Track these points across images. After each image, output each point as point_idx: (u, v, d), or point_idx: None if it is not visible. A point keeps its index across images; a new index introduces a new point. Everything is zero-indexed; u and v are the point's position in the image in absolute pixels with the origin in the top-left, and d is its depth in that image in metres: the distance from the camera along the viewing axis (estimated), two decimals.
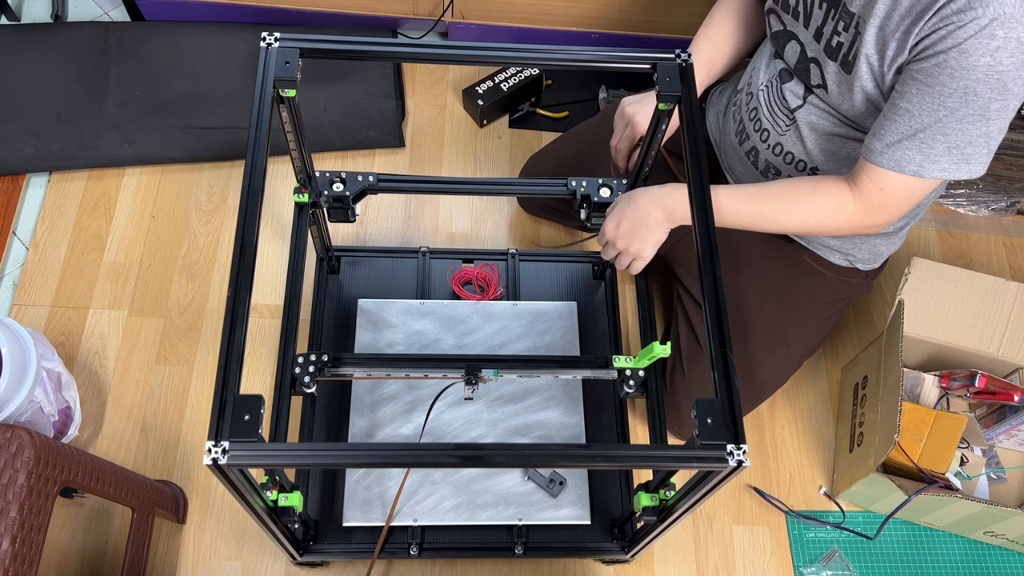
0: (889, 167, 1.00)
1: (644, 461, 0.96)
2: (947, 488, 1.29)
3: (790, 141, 1.17)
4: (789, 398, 1.53)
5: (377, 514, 1.23)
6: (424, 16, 1.80)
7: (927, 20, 0.92)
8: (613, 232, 1.15)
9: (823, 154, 1.15)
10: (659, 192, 1.12)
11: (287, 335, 1.14)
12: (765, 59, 1.20)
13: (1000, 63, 0.90)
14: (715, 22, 1.24)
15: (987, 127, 0.95)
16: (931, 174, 0.99)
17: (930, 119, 0.95)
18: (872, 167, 1.02)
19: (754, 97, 1.22)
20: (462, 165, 1.74)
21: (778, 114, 1.18)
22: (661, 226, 1.12)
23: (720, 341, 0.87)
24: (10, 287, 1.53)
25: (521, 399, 1.33)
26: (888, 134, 0.99)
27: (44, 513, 0.94)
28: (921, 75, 0.95)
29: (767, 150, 1.21)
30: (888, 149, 1.00)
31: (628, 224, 1.13)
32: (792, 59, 1.14)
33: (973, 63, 0.90)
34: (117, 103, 1.67)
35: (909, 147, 0.98)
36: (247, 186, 0.90)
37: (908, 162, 0.99)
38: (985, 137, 0.96)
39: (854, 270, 1.31)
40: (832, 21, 1.05)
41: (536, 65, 1.37)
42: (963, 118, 0.94)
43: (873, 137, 1.01)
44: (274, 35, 0.98)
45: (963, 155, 0.97)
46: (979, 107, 0.93)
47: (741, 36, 1.24)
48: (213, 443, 0.78)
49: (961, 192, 1.72)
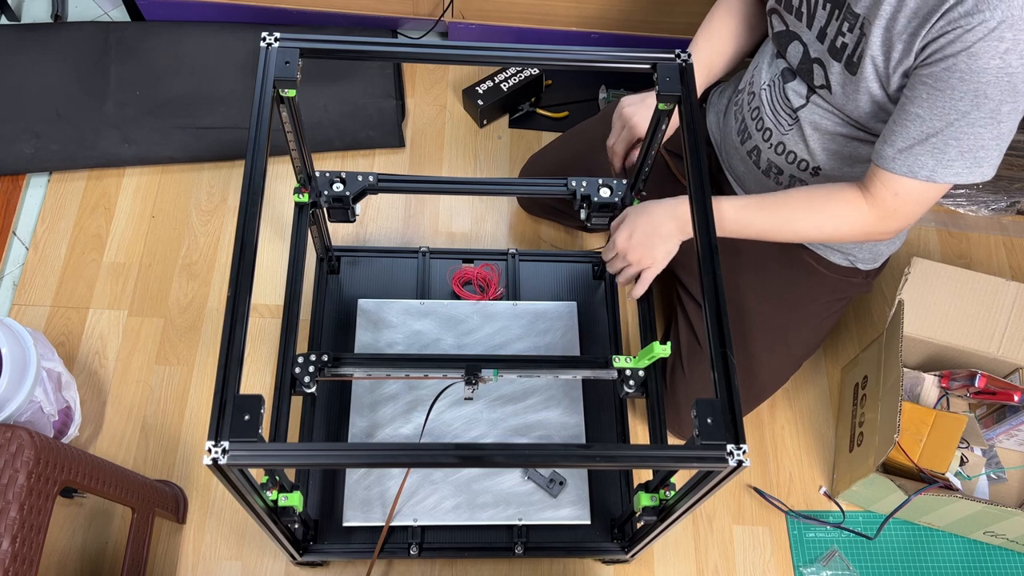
0: (902, 173, 1.00)
1: (644, 461, 0.96)
2: (947, 488, 1.29)
3: (793, 140, 1.17)
4: (789, 398, 1.53)
5: (377, 514, 1.23)
6: (424, 16, 1.80)
7: (934, 23, 0.92)
8: (625, 243, 1.14)
9: (826, 153, 1.15)
10: (672, 204, 1.11)
11: (287, 335, 1.14)
12: (767, 58, 1.20)
13: (1010, 65, 0.89)
14: (715, 22, 1.24)
15: (999, 129, 0.95)
16: (944, 179, 0.99)
17: (941, 123, 0.95)
18: (885, 173, 1.02)
19: (756, 96, 1.21)
20: (462, 165, 1.74)
21: (781, 113, 1.17)
22: (674, 238, 1.12)
23: (720, 341, 0.87)
24: (10, 287, 1.53)
25: (521, 399, 1.33)
26: (899, 140, 0.99)
27: (44, 513, 0.94)
28: (931, 79, 0.94)
29: (769, 149, 1.21)
30: (900, 155, 0.99)
31: (641, 235, 1.12)
32: (795, 59, 1.14)
33: (983, 66, 0.90)
34: (117, 103, 1.67)
35: (921, 152, 0.98)
36: (247, 186, 0.90)
37: (921, 167, 0.99)
38: (997, 140, 0.96)
39: (854, 270, 1.31)
40: (836, 22, 1.05)
41: (536, 65, 1.37)
42: (975, 122, 0.94)
43: (884, 143, 1.01)
44: (274, 35, 0.98)
45: (976, 159, 0.97)
46: (990, 110, 0.93)
47: (741, 36, 1.24)
48: (213, 443, 0.78)
49: (961, 192, 1.72)
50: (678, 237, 1.12)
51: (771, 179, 1.24)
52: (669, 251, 1.13)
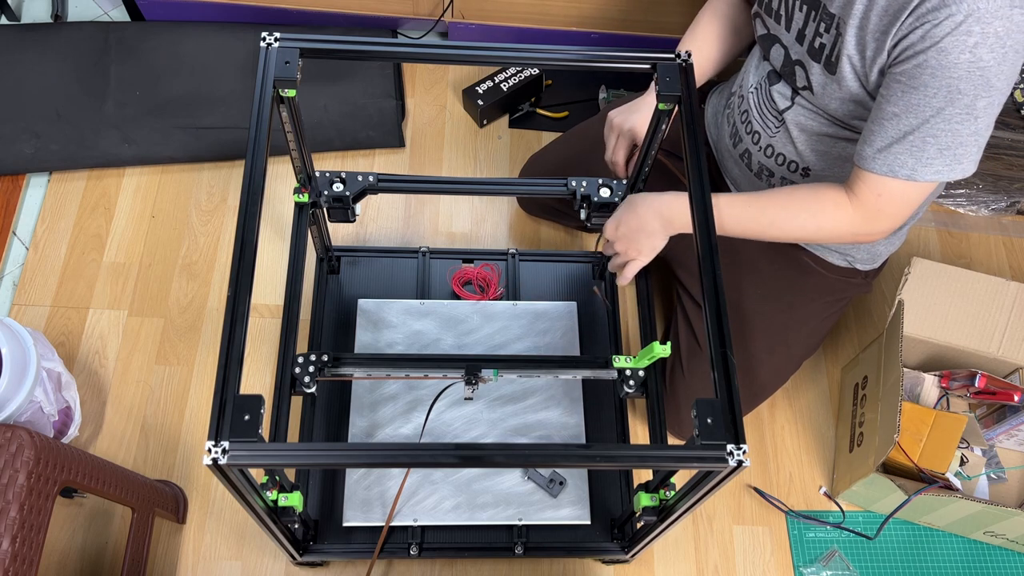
0: (883, 172, 1.00)
1: (644, 461, 0.96)
2: (947, 488, 1.29)
3: (781, 142, 1.17)
4: (789, 398, 1.53)
5: (377, 514, 1.24)
6: (424, 16, 1.80)
7: (904, 20, 0.92)
8: (612, 233, 1.17)
9: (814, 154, 1.15)
10: (659, 202, 1.12)
11: (287, 335, 1.14)
12: (755, 61, 1.21)
13: (980, 59, 0.89)
14: (700, 26, 1.25)
15: (975, 125, 0.95)
16: (925, 177, 0.98)
17: (917, 120, 0.95)
18: (866, 173, 1.02)
19: (745, 100, 1.22)
20: (462, 165, 1.74)
21: (768, 116, 1.18)
22: (658, 235, 1.13)
23: (720, 341, 0.87)
24: (10, 287, 1.53)
25: (521, 399, 1.33)
26: (878, 139, 0.99)
27: (44, 513, 0.94)
28: (904, 77, 0.94)
29: (759, 152, 1.21)
30: (879, 155, 0.99)
31: (626, 229, 1.14)
32: (777, 62, 1.14)
33: (953, 61, 0.90)
34: (117, 103, 1.67)
35: (900, 151, 0.98)
36: (247, 186, 0.90)
37: (901, 166, 0.98)
38: (975, 135, 0.96)
39: (853, 270, 1.31)
40: (813, 23, 1.05)
41: (536, 65, 1.37)
42: (950, 118, 0.94)
43: (864, 143, 1.01)
44: (274, 35, 0.98)
45: (955, 156, 0.97)
46: (965, 105, 0.93)
47: (727, 40, 1.24)
48: (213, 443, 0.78)
49: (961, 192, 1.72)
50: (663, 234, 1.13)
51: (763, 181, 1.24)
52: (654, 246, 1.14)
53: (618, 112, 1.24)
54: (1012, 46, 0.89)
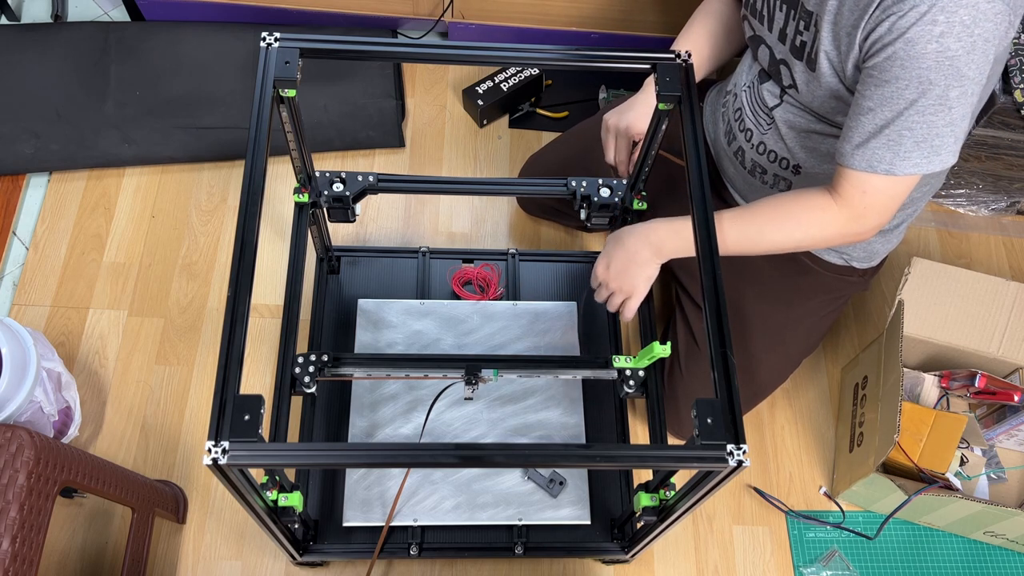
0: (862, 168, 0.99)
1: (644, 461, 0.96)
2: (947, 488, 1.29)
3: (772, 140, 1.18)
4: (789, 398, 1.53)
5: (377, 514, 1.24)
6: (424, 16, 1.80)
7: (871, 13, 0.93)
8: (604, 274, 1.17)
9: (804, 151, 1.15)
10: (646, 230, 1.12)
11: (287, 335, 1.14)
12: (748, 61, 1.22)
13: (948, 48, 0.89)
14: (695, 26, 1.25)
15: (950, 116, 0.94)
16: (904, 170, 0.98)
17: (891, 114, 0.95)
18: (847, 171, 1.01)
19: (738, 98, 1.23)
20: (462, 165, 1.74)
21: (759, 114, 1.18)
22: (650, 264, 1.13)
23: (720, 341, 0.87)
24: (10, 287, 1.53)
25: (521, 399, 1.33)
26: (855, 135, 0.99)
27: (44, 513, 0.94)
28: (876, 71, 0.95)
29: (751, 149, 1.22)
30: (858, 150, 0.99)
31: (618, 264, 1.15)
32: (765, 62, 1.15)
33: (920, 51, 0.90)
34: (117, 103, 1.67)
35: (877, 146, 0.97)
36: (247, 186, 0.90)
37: (879, 161, 0.98)
38: (950, 126, 0.95)
39: (851, 268, 1.31)
40: (793, 21, 1.06)
41: (536, 65, 1.37)
42: (924, 109, 0.93)
43: (843, 140, 1.01)
44: (274, 35, 0.98)
45: (932, 147, 0.96)
46: (937, 96, 0.92)
47: (721, 40, 1.25)
48: (213, 443, 0.78)
49: (961, 192, 1.72)
50: (655, 261, 1.13)
51: (757, 179, 1.24)
52: (648, 276, 1.15)
53: (612, 113, 1.25)
54: (980, 35, 0.89)
